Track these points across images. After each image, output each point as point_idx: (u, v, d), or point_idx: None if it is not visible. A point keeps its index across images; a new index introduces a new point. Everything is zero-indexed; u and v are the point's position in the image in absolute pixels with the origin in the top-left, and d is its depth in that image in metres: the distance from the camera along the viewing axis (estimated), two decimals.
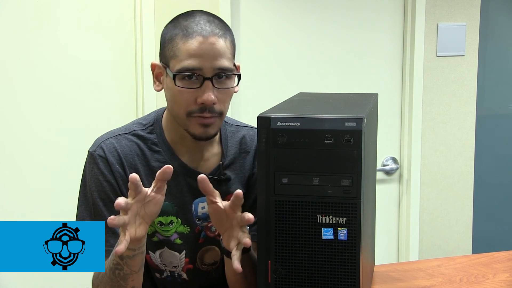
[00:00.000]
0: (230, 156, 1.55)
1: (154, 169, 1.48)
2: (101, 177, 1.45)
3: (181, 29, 1.41)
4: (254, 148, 1.58)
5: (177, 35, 1.41)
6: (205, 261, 1.56)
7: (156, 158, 1.49)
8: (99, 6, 2.57)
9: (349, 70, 2.98)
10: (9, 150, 2.50)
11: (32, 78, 2.50)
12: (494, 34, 3.34)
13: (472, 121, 3.13)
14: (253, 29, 2.82)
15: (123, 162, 1.47)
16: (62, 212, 1.97)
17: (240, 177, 1.55)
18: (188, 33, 1.39)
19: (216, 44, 1.39)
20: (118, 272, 1.35)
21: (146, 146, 1.50)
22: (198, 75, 1.39)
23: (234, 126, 1.60)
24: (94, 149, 1.48)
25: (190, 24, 1.41)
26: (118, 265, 1.35)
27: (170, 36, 1.43)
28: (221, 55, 1.40)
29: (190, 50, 1.38)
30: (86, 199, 1.47)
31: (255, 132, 1.59)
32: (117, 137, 1.50)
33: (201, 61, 1.38)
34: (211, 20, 1.43)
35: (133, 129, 1.52)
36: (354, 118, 1.21)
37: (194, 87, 1.39)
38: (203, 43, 1.38)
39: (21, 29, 2.48)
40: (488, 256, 1.89)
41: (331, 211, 1.22)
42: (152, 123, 1.53)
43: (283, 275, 1.26)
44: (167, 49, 1.43)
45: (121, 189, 1.46)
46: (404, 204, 3.11)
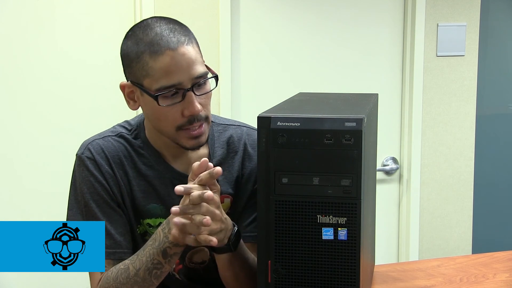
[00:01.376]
0: (217, 157, 1.54)
1: (141, 171, 1.49)
2: (92, 179, 1.45)
3: (146, 46, 1.37)
4: (242, 147, 1.56)
5: (144, 53, 1.37)
6: (194, 260, 1.56)
7: (142, 161, 1.49)
8: (98, 7, 2.57)
9: (349, 70, 2.98)
10: (10, 150, 2.50)
11: (31, 79, 2.50)
12: (494, 34, 3.34)
13: (472, 121, 3.13)
14: (253, 28, 2.82)
15: (111, 162, 1.47)
16: (62, 212, 1.97)
17: (228, 178, 1.54)
18: (155, 49, 1.36)
19: (186, 53, 1.36)
20: (156, 272, 1.36)
21: (132, 148, 1.50)
22: (178, 89, 1.37)
23: (221, 126, 1.58)
24: (82, 152, 1.48)
25: (153, 38, 1.37)
26: (158, 265, 1.35)
27: (136, 55, 1.39)
28: (194, 63, 1.38)
29: (164, 68, 1.35)
30: (78, 202, 1.47)
31: (242, 130, 1.58)
32: (104, 138, 1.50)
33: (178, 76, 1.36)
34: (172, 28, 1.39)
35: (119, 131, 1.52)
36: (354, 118, 1.21)
37: (177, 102, 1.38)
38: (174, 57, 1.35)
39: (20, 30, 2.48)
40: (488, 256, 1.89)
41: (331, 211, 1.22)
42: (136, 128, 1.52)
43: (283, 275, 1.26)
44: (136, 69, 1.39)
45: (112, 189, 1.46)
46: (404, 204, 3.11)
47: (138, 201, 1.48)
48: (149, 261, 1.36)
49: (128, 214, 1.48)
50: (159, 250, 1.34)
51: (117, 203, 1.46)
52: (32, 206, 2.53)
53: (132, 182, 1.48)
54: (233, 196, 1.54)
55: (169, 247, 1.34)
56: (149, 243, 1.37)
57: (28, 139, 2.52)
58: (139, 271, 1.36)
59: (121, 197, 1.47)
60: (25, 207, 2.53)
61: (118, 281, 1.39)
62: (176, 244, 1.33)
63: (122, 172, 1.47)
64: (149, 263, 1.36)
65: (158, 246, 1.35)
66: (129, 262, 1.39)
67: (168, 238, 1.33)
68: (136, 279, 1.37)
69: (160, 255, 1.34)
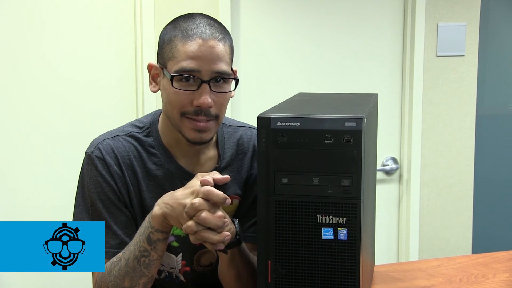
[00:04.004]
0: (227, 158, 1.54)
1: (150, 171, 1.49)
2: (100, 178, 1.45)
3: (181, 31, 1.40)
4: (251, 149, 1.57)
5: (176, 37, 1.40)
6: (201, 262, 1.56)
7: (152, 161, 1.49)
8: (99, 7, 2.57)
9: (349, 70, 2.98)
10: (9, 150, 2.50)
11: (31, 79, 2.50)
12: (494, 34, 3.34)
13: (472, 121, 3.13)
14: (253, 29, 2.82)
15: (120, 163, 1.47)
16: (62, 212, 1.98)
17: (237, 179, 1.54)
18: (188, 35, 1.39)
19: (215, 47, 1.39)
20: (144, 260, 1.36)
21: (143, 148, 1.50)
22: (195, 77, 1.38)
23: (231, 127, 1.59)
24: (92, 150, 1.48)
25: (190, 26, 1.40)
26: (145, 252, 1.35)
27: (169, 38, 1.42)
28: (219, 59, 1.39)
29: (188, 52, 1.38)
30: (84, 200, 1.47)
31: (252, 132, 1.59)
32: (114, 138, 1.50)
33: (200, 64, 1.38)
34: (211, 24, 1.43)
35: (130, 131, 1.52)
36: (354, 118, 1.21)
37: (191, 90, 1.39)
38: (202, 45, 1.38)
39: (20, 29, 2.48)
40: (488, 256, 1.89)
41: (331, 211, 1.22)
42: (149, 126, 1.52)
43: (283, 275, 1.26)
44: (165, 50, 1.43)
45: (120, 190, 1.46)
46: (404, 204, 3.11)
47: (147, 201, 1.48)
48: (137, 249, 1.36)
49: (136, 215, 1.48)
50: (144, 236, 1.35)
51: (124, 204, 1.46)
52: (32, 206, 2.53)
53: (141, 183, 1.48)
54: (241, 197, 1.55)
55: (152, 233, 1.34)
56: (138, 231, 1.38)
57: (28, 139, 2.52)
58: (129, 261, 1.37)
59: (129, 198, 1.47)
60: (25, 207, 2.53)
61: (112, 274, 1.39)
62: (158, 230, 1.34)
63: (131, 172, 1.47)
64: (136, 251, 1.36)
65: (143, 232, 1.36)
66: (121, 254, 1.40)
67: (151, 223, 1.34)
68: (127, 269, 1.37)
69: (145, 242, 1.35)
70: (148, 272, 1.37)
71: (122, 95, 2.63)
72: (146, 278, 1.38)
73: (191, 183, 1.34)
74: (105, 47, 2.59)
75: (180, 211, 1.29)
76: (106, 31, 2.59)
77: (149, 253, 1.35)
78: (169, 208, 1.31)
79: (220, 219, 1.28)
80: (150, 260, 1.36)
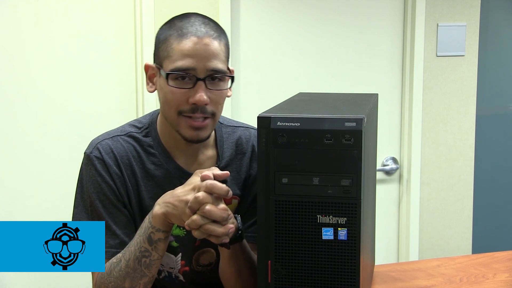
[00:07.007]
0: (226, 158, 1.54)
1: (149, 171, 1.49)
2: (99, 179, 1.45)
3: (176, 30, 1.41)
4: (250, 149, 1.57)
5: (172, 36, 1.41)
6: (201, 262, 1.56)
7: (151, 161, 1.49)
8: (98, 7, 2.57)
9: (349, 70, 2.98)
10: (9, 150, 2.50)
11: (31, 79, 2.50)
12: (494, 34, 3.34)
13: (472, 121, 3.13)
14: (253, 28, 2.82)
15: (119, 163, 1.47)
16: (62, 212, 1.98)
17: (236, 179, 1.54)
18: (183, 33, 1.40)
19: (210, 45, 1.39)
20: (145, 260, 1.36)
21: (141, 148, 1.50)
22: (191, 75, 1.38)
23: (230, 127, 1.59)
24: (91, 151, 1.48)
25: (185, 25, 1.41)
26: (146, 252, 1.35)
27: (165, 37, 1.43)
28: (214, 57, 1.40)
29: (183, 50, 1.38)
30: (84, 201, 1.47)
31: (251, 132, 1.59)
32: (113, 138, 1.50)
33: (195, 61, 1.38)
34: (206, 22, 1.43)
35: (128, 131, 1.52)
36: (354, 118, 1.21)
37: (186, 87, 1.39)
38: (197, 43, 1.38)
39: (19, 30, 2.48)
40: (488, 256, 1.89)
41: (331, 211, 1.22)
42: (147, 126, 1.52)
43: (283, 275, 1.26)
44: (161, 50, 1.43)
45: (119, 190, 1.46)
46: (404, 204, 3.11)
47: (146, 201, 1.48)
48: (137, 250, 1.36)
49: (135, 215, 1.48)
50: (145, 237, 1.35)
51: (123, 204, 1.46)
52: (32, 206, 2.54)
53: (140, 183, 1.48)
54: (241, 197, 1.55)
55: (152, 233, 1.34)
56: (138, 232, 1.38)
57: (28, 139, 2.52)
58: (129, 262, 1.37)
59: (128, 198, 1.47)
60: (25, 207, 2.53)
61: (112, 275, 1.39)
62: (159, 229, 1.34)
63: (130, 172, 1.47)
64: (137, 251, 1.36)
65: (144, 233, 1.35)
66: (121, 255, 1.40)
67: (151, 223, 1.34)
68: (128, 270, 1.37)
69: (146, 242, 1.35)
70: (149, 272, 1.37)
71: (122, 96, 2.63)
72: (147, 278, 1.38)
73: (191, 180, 1.34)
74: (106, 48, 2.59)
75: (182, 208, 1.29)
76: (106, 32, 2.59)
77: (150, 253, 1.35)
78: (170, 207, 1.31)
79: (224, 211, 1.29)
80: (151, 260, 1.36)
